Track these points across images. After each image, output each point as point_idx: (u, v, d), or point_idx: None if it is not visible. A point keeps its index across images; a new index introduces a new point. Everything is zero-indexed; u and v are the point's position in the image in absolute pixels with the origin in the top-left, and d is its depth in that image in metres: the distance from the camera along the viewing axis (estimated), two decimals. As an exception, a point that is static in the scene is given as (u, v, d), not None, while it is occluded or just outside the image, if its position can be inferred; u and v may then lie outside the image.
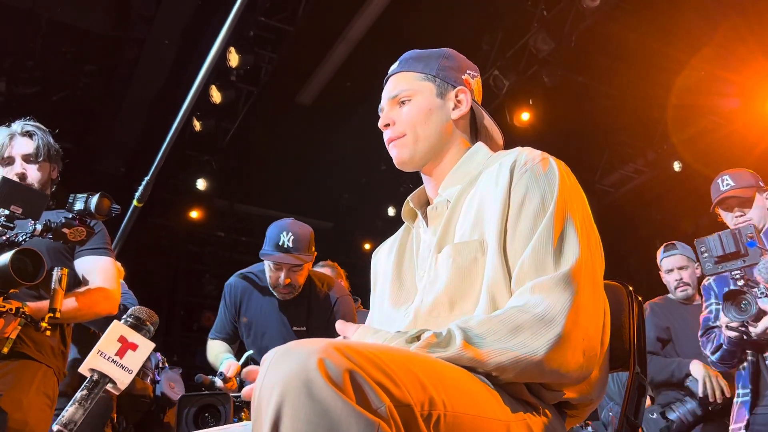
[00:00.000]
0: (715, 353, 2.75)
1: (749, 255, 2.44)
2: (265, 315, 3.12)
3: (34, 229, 2.05)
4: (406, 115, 1.47)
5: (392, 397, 0.87)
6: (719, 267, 2.51)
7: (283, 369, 0.85)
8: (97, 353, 1.33)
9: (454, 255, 1.29)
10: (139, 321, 1.42)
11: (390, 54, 1.65)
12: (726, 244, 2.47)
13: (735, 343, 2.61)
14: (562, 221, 1.21)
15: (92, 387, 1.33)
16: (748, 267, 2.48)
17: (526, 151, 1.33)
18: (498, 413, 1.06)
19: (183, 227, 9.21)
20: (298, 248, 2.92)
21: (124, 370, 1.35)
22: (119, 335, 1.37)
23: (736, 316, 2.48)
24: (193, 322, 9.64)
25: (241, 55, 6.41)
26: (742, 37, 6.09)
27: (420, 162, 1.48)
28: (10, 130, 2.43)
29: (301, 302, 3.09)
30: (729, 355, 2.69)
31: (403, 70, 1.52)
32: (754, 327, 2.45)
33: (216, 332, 3.24)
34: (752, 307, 2.43)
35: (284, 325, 3.09)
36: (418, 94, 1.47)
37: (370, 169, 8.96)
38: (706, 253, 2.53)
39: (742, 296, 2.47)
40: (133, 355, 1.36)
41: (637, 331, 1.39)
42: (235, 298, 3.16)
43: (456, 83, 1.50)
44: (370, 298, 1.61)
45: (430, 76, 1.49)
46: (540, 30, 6.36)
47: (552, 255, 1.17)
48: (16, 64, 6.69)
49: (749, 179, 2.85)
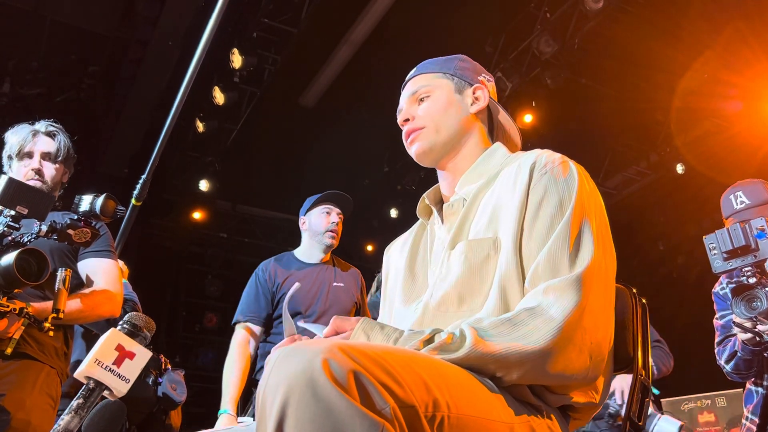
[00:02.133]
0: (730, 362, 2.59)
1: (760, 249, 2.29)
2: (304, 275, 3.23)
3: (39, 230, 2.06)
4: (425, 109, 1.49)
5: (396, 398, 0.88)
6: (729, 264, 2.36)
7: (288, 369, 0.85)
8: (94, 361, 1.32)
9: (467, 252, 1.30)
10: (135, 328, 1.40)
11: (393, 56, 1.67)
12: (735, 237, 2.33)
13: (751, 350, 2.45)
14: (578, 225, 1.21)
15: (88, 395, 1.31)
16: (759, 262, 2.31)
17: (546, 153, 1.34)
18: (502, 415, 1.05)
19: (185, 228, 9.21)
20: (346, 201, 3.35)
21: (121, 379, 1.33)
22: (117, 343, 1.35)
23: (745, 312, 2.33)
24: (196, 324, 9.63)
25: (244, 57, 6.42)
26: (746, 41, 6.09)
27: (439, 154, 1.49)
28: (33, 127, 2.48)
29: (331, 263, 3.36)
30: (744, 364, 2.54)
31: (421, 73, 1.55)
32: (764, 324, 2.30)
33: (245, 314, 3.13)
34: (763, 303, 2.28)
35: (324, 283, 3.23)
36: (437, 89, 1.50)
37: (373, 171, 8.97)
38: (715, 250, 2.39)
39: (752, 291, 2.32)
40: (130, 363, 1.35)
41: (642, 334, 1.39)
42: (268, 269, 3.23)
43: (473, 82, 1.53)
44: (381, 293, 1.61)
45: (448, 74, 1.52)
46: (543, 32, 6.36)
47: (567, 257, 1.17)
48: (20, 65, 6.70)
49: (764, 193, 2.64)
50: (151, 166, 2.63)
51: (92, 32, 6.61)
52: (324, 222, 3.29)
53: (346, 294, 3.24)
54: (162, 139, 2.66)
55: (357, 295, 3.32)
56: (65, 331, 2.40)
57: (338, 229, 3.32)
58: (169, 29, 6.30)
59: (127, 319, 1.42)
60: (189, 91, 3.19)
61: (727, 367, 2.62)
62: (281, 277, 3.18)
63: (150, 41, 6.46)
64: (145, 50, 6.63)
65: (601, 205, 1.30)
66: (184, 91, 2.51)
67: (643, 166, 8.18)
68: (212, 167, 8.32)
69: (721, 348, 2.69)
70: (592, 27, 6.16)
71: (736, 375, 2.62)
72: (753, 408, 2.56)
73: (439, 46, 1.59)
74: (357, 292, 3.33)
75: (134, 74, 6.95)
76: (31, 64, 6.71)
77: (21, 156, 2.41)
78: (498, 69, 6.85)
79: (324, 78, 7.38)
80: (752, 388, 2.61)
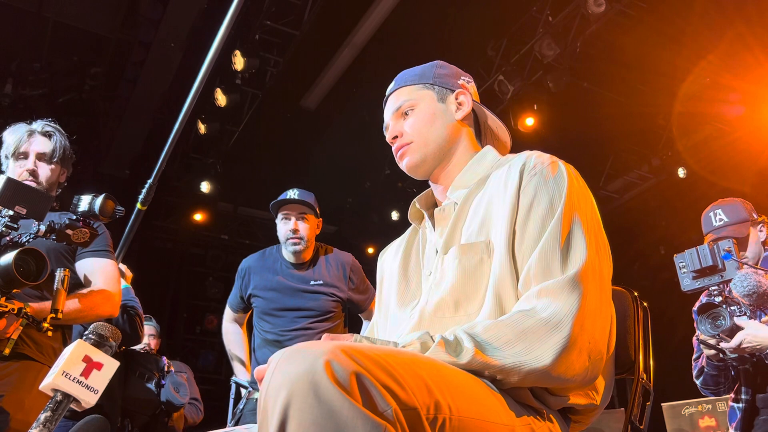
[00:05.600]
0: (699, 377, 2.69)
1: (726, 269, 2.39)
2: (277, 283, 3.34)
3: (37, 230, 2.05)
4: (411, 125, 1.49)
5: (398, 400, 0.87)
6: (697, 282, 2.46)
7: (290, 370, 0.85)
8: (61, 373, 1.29)
9: (460, 256, 1.29)
10: (101, 338, 1.38)
11: (395, 59, 1.67)
12: (703, 257, 2.43)
13: (715, 365, 2.54)
14: (569, 224, 1.21)
15: (56, 408, 1.29)
16: (725, 282, 2.42)
17: (536, 154, 1.34)
18: (503, 418, 1.05)
19: (187, 230, 9.21)
20: (304, 198, 3.31)
21: (89, 390, 1.31)
22: (84, 354, 1.33)
23: (709, 330, 2.43)
24: (196, 325, 9.62)
25: (246, 59, 6.41)
26: (748, 45, 6.08)
27: (431, 165, 1.49)
28: (30, 127, 2.46)
29: (313, 261, 3.40)
30: (711, 380, 2.62)
31: (400, 86, 1.54)
32: (727, 342, 2.38)
33: (229, 302, 3.58)
34: (726, 322, 2.38)
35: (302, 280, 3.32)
36: (420, 102, 1.50)
37: (375, 174, 8.96)
38: (685, 269, 2.49)
39: (716, 310, 2.42)
40: (98, 374, 1.33)
41: (643, 337, 1.39)
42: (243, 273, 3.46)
43: (454, 87, 1.52)
44: (375, 298, 1.62)
45: (428, 84, 1.52)
46: (545, 35, 6.35)
47: (559, 258, 1.17)
48: (23, 66, 6.71)
49: (742, 213, 2.74)
50: (157, 171, 2.62)
51: (95, 34, 6.61)
52: (284, 230, 3.32)
53: (326, 290, 3.31)
54: (169, 144, 2.64)
55: (342, 286, 3.36)
56: (63, 331, 2.39)
57: (302, 230, 3.30)
58: (171, 31, 6.30)
59: (92, 329, 1.39)
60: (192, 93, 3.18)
61: (697, 382, 2.71)
62: (252, 286, 3.40)
63: (152, 43, 6.46)
64: (148, 52, 6.63)
65: (592, 203, 1.30)
66: (194, 96, 2.49)
67: (644, 170, 8.16)
68: (214, 169, 8.31)
69: (695, 363, 2.76)
70: (594, 31, 6.15)
71: (706, 389, 2.70)
72: (736, 425, 2.60)
73: (441, 50, 1.60)
74: (342, 283, 3.36)
75: (137, 76, 6.95)
76: (34, 65, 6.71)
77: (17, 156, 2.40)
78: (500, 72, 6.85)
79: (326, 80, 7.37)
80: (734, 405, 2.65)
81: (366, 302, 3.44)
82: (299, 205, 3.30)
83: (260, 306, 3.35)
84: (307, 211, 3.32)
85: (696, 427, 4.44)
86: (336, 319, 3.33)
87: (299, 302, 3.26)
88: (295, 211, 3.30)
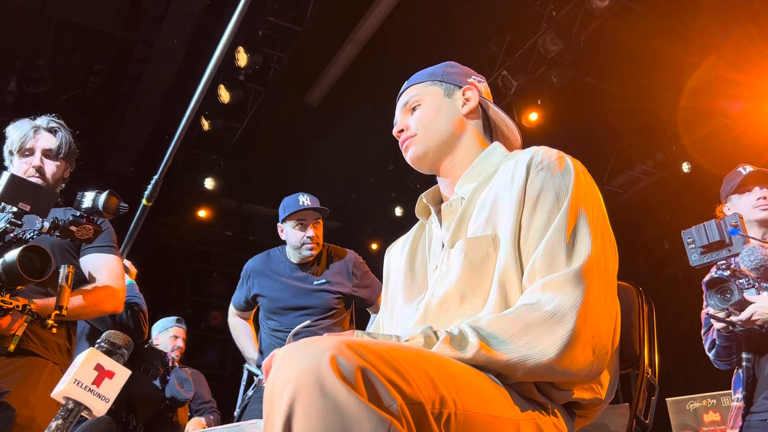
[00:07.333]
0: (711, 350, 2.72)
1: (733, 244, 2.43)
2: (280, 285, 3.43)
3: (41, 227, 2.05)
4: (416, 118, 1.51)
5: (404, 395, 0.88)
6: (705, 258, 2.49)
7: (296, 366, 0.85)
8: (73, 381, 1.30)
9: (467, 250, 1.30)
10: (113, 346, 1.39)
11: (398, 55, 1.69)
12: (710, 233, 2.46)
13: (725, 336, 2.58)
14: (575, 218, 1.21)
15: (67, 416, 1.29)
16: (733, 256, 2.47)
17: (543, 149, 1.34)
18: (508, 412, 1.05)
19: (190, 227, 9.23)
20: (316, 205, 3.39)
21: (101, 399, 1.32)
22: (96, 363, 1.34)
23: (718, 304, 2.47)
24: (201, 322, 9.64)
25: (249, 55, 6.41)
26: (753, 40, 6.06)
27: (434, 158, 1.50)
28: (35, 123, 2.46)
29: (316, 260, 3.47)
30: (723, 351, 2.66)
31: (411, 84, 1.58)
32: (737, 315, 2.43)
33: (233, 302, 3.69)
34: (734, 295, 2.42)
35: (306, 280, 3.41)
36: (427, 96, 1.53)
37: (378, 170, 8.96)
38: (692, 244, 2.53)
39: (725, 284, 2.47)
40: (109, 383, 1.33)
41: (648, 332, 1.38)
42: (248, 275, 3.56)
43: (462, 84, 1.54)
44: (382, 294, 1.63)
45: (436, 81, 1.55)
46: (549, 30, 6.33)
47: (564, 251, 1.17)
48: (26, 63, 6.71)
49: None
50: (163, 167, 2.61)
51: (98, 31, 6.61)
52: (299, 236, 3.38)
53: (330, 288, 3.38)
54: (175, 141, 2.63)
55: (345, 282, 3.43)
56: (68, 327, 2.40)
57: (317, 235, 3.40)
58: (174, 28, 6.30)
59: (105, 337, 1.39)
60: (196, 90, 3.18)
61: (710, 355, 2.74)
62: (257, 287, 3.49)
63: (155, 40, 6.47)
64: (151, 49, 6.64)
65: (598, 197, 1.30)
66: (201, 92, 2.48)
67: (648, 165, 8.14)
68: (217, 165, 8.32)
69: (705, 337, 2.80)
70: (598, 25, 6.13)
71: (719, 361, 2.73)
72: (742, 388, 2.64)
73: (445, 45, 1.61)
74: (345, 279, 3.44)
75: (140, 73, 6.96)
76: (38, 62, 6.72)
77: (22, 152, 2.40)
78: (503, 67, 6.83)
79: (329, 76, 7.37)
80: (738, 372, 2.70)
81: (372, 296, 3.50)
82: (313, 211, 3.39)
83: (266, 306, 3.44)
84: (320, 217, 3.42)
85: (700, 421, 4.44)
86: (340, 315, 3.38)
87: (304, 301, 3.34)
88: (311, 218, 3.39)
